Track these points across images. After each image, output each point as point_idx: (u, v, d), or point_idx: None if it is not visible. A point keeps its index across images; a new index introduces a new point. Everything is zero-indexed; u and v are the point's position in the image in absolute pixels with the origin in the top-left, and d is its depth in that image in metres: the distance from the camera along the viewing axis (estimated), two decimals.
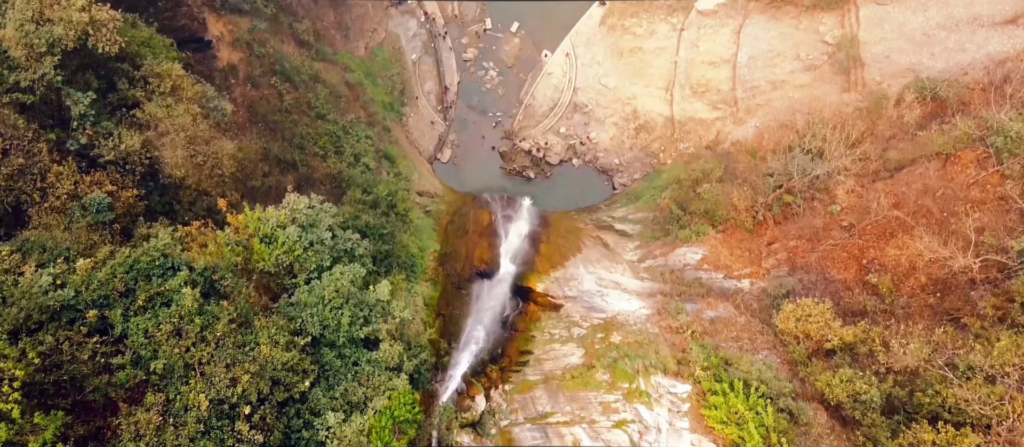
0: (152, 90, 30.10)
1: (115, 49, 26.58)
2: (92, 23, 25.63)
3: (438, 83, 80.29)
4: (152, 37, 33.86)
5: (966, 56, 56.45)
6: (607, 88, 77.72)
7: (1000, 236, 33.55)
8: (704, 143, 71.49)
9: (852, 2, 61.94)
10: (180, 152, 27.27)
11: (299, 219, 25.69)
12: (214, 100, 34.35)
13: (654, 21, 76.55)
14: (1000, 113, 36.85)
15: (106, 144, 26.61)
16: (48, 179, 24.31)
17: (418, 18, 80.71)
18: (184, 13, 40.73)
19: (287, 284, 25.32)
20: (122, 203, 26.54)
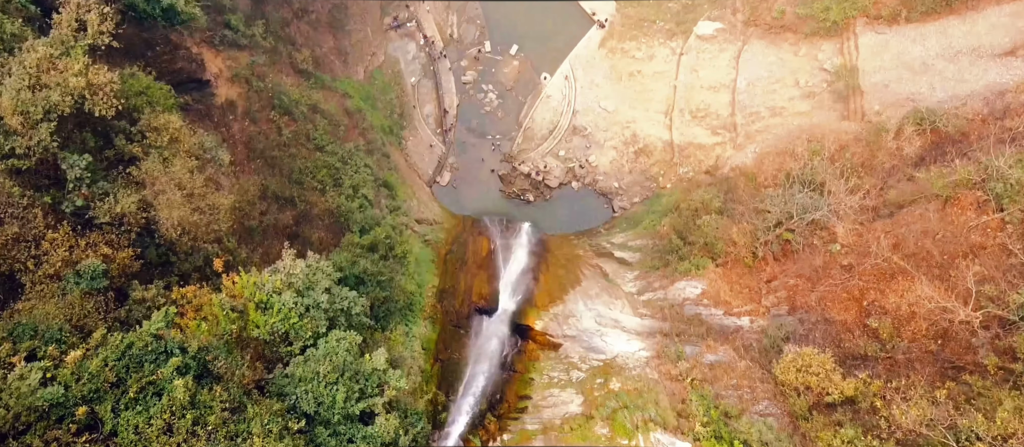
0: (149, 144, 29.97)
1: (112, 112, 26.47)
2: (89, 87, 25.52)
3: (437, 106, 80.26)
4: (150, 86, 33.73)
5: (966, 87, 56.37)
6: (606, 111, 77.66)
7: (1001, 286, 33.39)
8: (704, 168, 71.40)
9: (851, 30, 61.87)
10: (176, 213, 27.12)
11: (295, 284, 25.55)
12: (212, 150, 34.22)
13: (653, 45, 76.60)
14: (999, 159, 36.69)
15: (102, 206, 26.46)
16: (42, 246, 24.19)
17: (417, 41, 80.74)
18: (182, 56, 40.65)
19: (282, 353, 25.18)
20: (117, 265, 26.40)
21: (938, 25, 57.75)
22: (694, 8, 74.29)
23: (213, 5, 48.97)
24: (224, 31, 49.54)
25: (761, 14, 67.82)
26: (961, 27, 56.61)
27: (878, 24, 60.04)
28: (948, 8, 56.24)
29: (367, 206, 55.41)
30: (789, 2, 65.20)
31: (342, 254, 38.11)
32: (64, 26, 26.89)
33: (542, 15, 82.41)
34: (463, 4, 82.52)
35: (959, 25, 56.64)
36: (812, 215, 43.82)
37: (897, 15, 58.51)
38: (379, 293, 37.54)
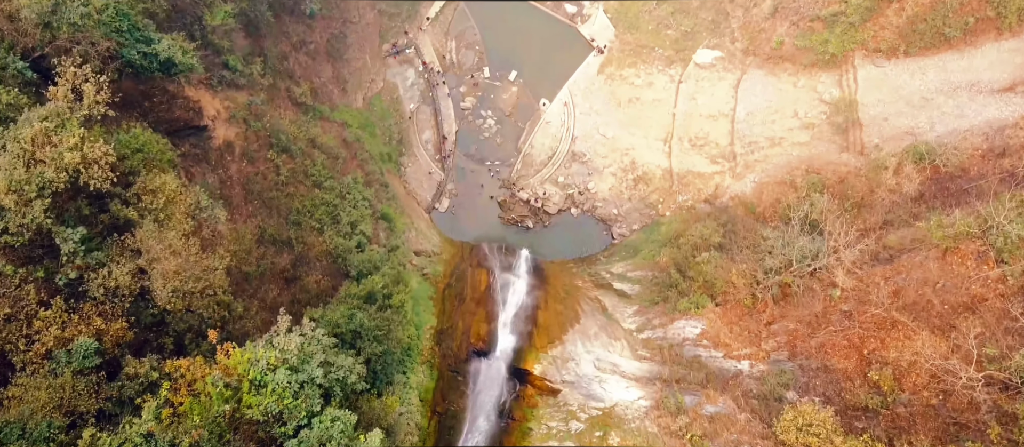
0: (145, 207, 29.79)
1: (107, 185, 26.29)
2: (84, 161, 25.36)
3: (436, 132, 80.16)
4: (146, 143, 33.58)
5: (965, 122, 56.26)
6: (605, 138, 77.57)
7: (1003, 344, 33.17)
8: (703, 196, 71.27)
9: (850, 63, 61.77)
10: (170, 284, 26.93)
11: (290, 360, 25.33)
12: (208, 209, 34.04)
13: (652, 72, 76.53)
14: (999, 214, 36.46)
15: (95, 278, 26.28)
16: (35, 325, 24.00)
17: (416, 67, 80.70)
18: (180, 105, 40.52)
19: (276, 434, 24.98)
20: (111, 336, 26.20)
21: (937, 59, 57.66)
22: (693, 36, 74.23)
23: (211, 46, 48.88)
24: (222, 72, 49.47)
25: (760, 44, 67.73)
26: (959, 62, 56.51)
27: (876, 57, 59.93)
28: (946, 43, 56.14)
29: (365, 242, 55.20)
30: (788, 33, 65.08)
31: (338, 309, 37.91)
32: (60, 98, 26.74)
33: (541, 41, 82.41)
34: (462, 30, 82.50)
35: (957, 60, 56.55)
36: (812, 265, 43.62)
37: (895, 49, 58.42)
38: (376, 348, 37.32)
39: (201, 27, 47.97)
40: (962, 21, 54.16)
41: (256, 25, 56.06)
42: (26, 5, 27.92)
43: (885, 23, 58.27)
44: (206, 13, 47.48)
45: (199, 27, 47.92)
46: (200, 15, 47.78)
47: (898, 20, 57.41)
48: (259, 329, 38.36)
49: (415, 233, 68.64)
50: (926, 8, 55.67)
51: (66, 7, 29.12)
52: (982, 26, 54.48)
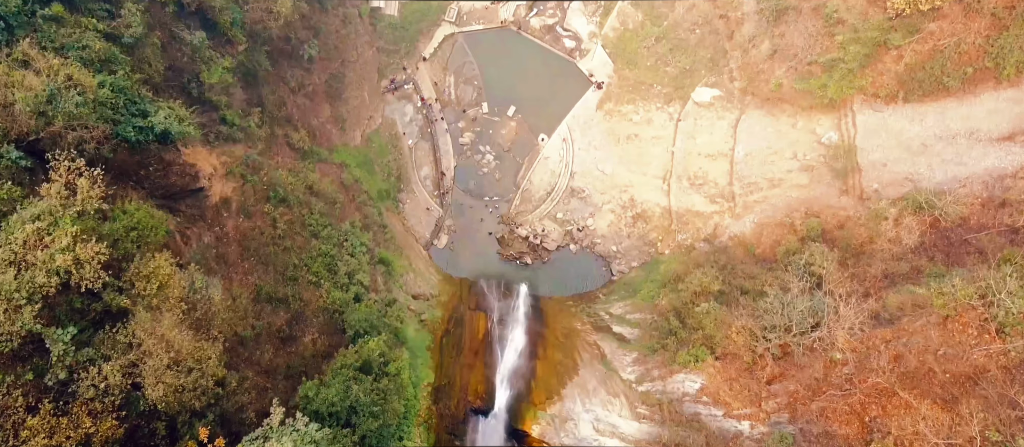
0: (137, 295, 29.56)
1: (99, 284, 26.07)
2: (76, 263, 25.15)
3: (435, 168, 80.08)
4: (140, 221, 33.35)
5: (964, 169, 56.07)
6: (604, 174, 77.45)
7: (1007, 424, 32.88)
8: (702, 235, 71.08)
9: (848, 107, 61.66)
10: (162, 385, 26.70)
11: None
12: (202, 291, 33.83)
13: (651, 109, 76.44)
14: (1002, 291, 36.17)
15: (86, 379, 26.04)
16: (21, 435, 23.75)
17: (414, 103, 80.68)
18: (175, 171, 40.36)
19: None
20: (100, 436, 25.96)
21: (935, 106, 57.52)
22: (691, 73, 74.16)
23: (208, 103, 48.77)
24: (219, 127, 49.33)
25: (758, 85, 67.62)
26: (958, 110, 56.37)
27: (875, 102, 59.82)
28: (945, 91, 56.01)
29: (363, 292, 54.97)
30: (786, 75, 64.96)
31: (334, 386, 37.58)
32: (53, 194, 26.53)
33: (539, 76, 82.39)
34: (460, 65, 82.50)
35: (957, 108, 56.40)
36: (812, 334, 43.40)
37: (894, 95, 58.30)
38: (372, 424, 37.04)
39: (198, 84, 47.88)
40: (961, 71, 54.02)
41: (254, 74, 55.99)
42: (21, 99, 27.73)
43: (883, 69, 58.16)
44: (204, 70, 47.36)
45: (197, 84, 47.85)
46: (197, 72, 47.67)
47: (896, 67, 57.30)
48: (253, 403, 38.12)
49: (413, 275, 68.43)
50: (924, 57, 55.55)
51: (62, 97, 28.96)
52: (981, 76, 54.36)
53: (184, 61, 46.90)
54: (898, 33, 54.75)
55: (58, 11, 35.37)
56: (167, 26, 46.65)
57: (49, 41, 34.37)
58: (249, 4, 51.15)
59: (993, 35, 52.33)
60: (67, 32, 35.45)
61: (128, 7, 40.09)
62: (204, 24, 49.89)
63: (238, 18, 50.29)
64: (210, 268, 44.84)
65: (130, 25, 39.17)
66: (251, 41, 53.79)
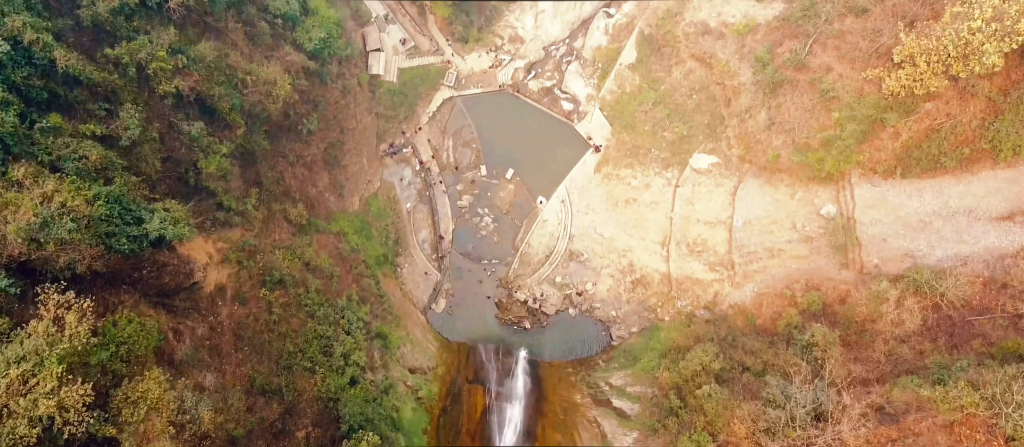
0: (124, 422, 29.03)
1: (82, 429, 25.61)
2: (60, 409, 24.70)
3: (433, 231, 79.95)
4: (131, 334, 32.99)
5: (965, 248, 55.79)
6: (603, 237, 77.21)
7: None
8: (702, 303, 70.56)
9: (846, 180, 61.62)
10: None
11: None
12: (191, 410, 33.31)
13: (649, 174, 76.52)
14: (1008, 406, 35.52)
15: None
16: None
17: (413, 166, 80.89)
18: (170, 271, 40.14)
19: None
20: None
21: (933, 183, 57.48)
22: (689, 139, 74.40)
23: (205, 190, 48.78)
24: (216, 213, 49.26)
25: (756, 154, 67.73)
26: (956, 188, 56.31)
27: (873, 177, 59.78)
28: (942, 169, 56.00)
29: (359, 375, 54.37)
30: (783, 146, 65.10)
31: None
32: (40, 332, 26.22)
33: (537, 138, 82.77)
34: (459, 128, 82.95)
35: (954, 186, 56.35)
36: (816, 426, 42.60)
37: (892, 171, 58.31)
38: None
39: (196, 172, 47.94)
40: (957, 151, 54.11)
41: (252, 154, 56.16)
42: (13, 230, 27.59)
43: (880, 146, 58.28)
44: (201, 158, 47.47)
45: (194, 172, 47.90)
46: (195, 161, 47.78)
47: (893, 144, 57.41)
48: None
49: (410, 346, 67.81)
50: (921, 136, 55.70)
51: (55, 224, 28.85)
52: (977, 156, 54.43)
53: (182, 152, 47.05)
54: (894, 113, 54.97)
55: (56, 122, 35.56)
56: (166, 117, 46.93)
57: (46, 154, 34.46)
58: (248, 88, 51.51)
59: (988, 118, 52.49)
60: (64, 142, 35.56)
61: (127, 108, 40.33)
62: (202, 110, 50.21)
63: (237, 103, 50.64)
64: (203, 362, 44.39)
65: (128, 127, 39.35)
66: (250, 122, 54.06)
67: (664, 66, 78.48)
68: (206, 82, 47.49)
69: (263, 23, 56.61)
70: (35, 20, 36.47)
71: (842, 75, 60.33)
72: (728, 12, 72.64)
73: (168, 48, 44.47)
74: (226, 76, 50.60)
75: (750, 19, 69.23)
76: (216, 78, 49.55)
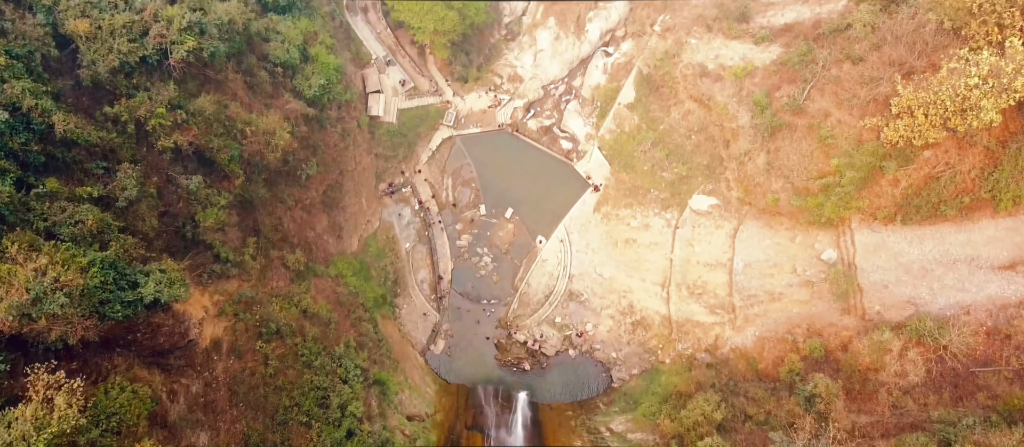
0: None
1: None
2: None
3: (432, 271, 79.61)
4: (124, 404, 32.52)
5: (967, 296, 55.33)
6: (603, 277, 76.82)
7: None
8: (703, 346, 69.95)
9: (847, 225, 61.40)
10: None
11: None
12: None
13: (648, 215, 76.36)
14: None
15: None
16: None
17: (412, 206, 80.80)
18: (164, 332, 39.77)
19: None
20: None
21: (934, 230, 57.23)
22: (688, 180, 74.37)
23: (202, 244, 48.58)
24: (213, 266, 48.97)
25: (755, 197, 67.62)
26: (957, 235, 56.05)
27: (874, 223, 59.56)
28: (942, 216, 55.78)
29: (356, 426, 53.62)
30: (783, 189, 65.00)
31: None
32: (28, 418, 25.79)
33: (537, 177, 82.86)
34: (458, 167, 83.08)
35: (955, 234, 56.10)
36: None
37: (892, 217, 58.09)
38: None
39: (193, 225, 47.79)
40: (957, 200, 53.93)
41: (251, 202, 56.08)
42: (4, 308, 27.30)
43: (880, 192, 58.14)
44: (199, 212, 47.34)
45: (192, 226, 47.75)
46: (193, 214, 47.64)
47: (893, 191, 57.27)
48: None
49: (408, 392, 67.06)
50: (920, 183, 55.59)
51: (48, 300, 28.57)
52: (977, 204, 54.26)
53: (179, 206, 46.94)
54: (893, 161, 54.91)
55: (53, 187, 35.49)
56: (164, 171, 46.92)
57: (41, 220, 34.31)
58: (247, 138, 51.56)
59: (987, 168, 52.43)
60: (60, 207, 35.43)
61: (124, 168, 40.29)
62: (201, 162, 50.24)
63: (236, 154, 50.65)
64: (197, 421, 43.82)
65: (125, 187, 39.28)
66: (249, 172, 54.05)
67: (663, 106, 78.78)
68: (205, 135, 47.55)
69: (263, 72, 56.91)
70: (34, 85, 36.60)
71: (840, 121, 60.43)
72: (726, 55, 73.09)
73: (167, 104, 44.57)
74: (225, 127, 50.71)
75: (748, 63, 69.59)
76: (215, 130, 49.64)
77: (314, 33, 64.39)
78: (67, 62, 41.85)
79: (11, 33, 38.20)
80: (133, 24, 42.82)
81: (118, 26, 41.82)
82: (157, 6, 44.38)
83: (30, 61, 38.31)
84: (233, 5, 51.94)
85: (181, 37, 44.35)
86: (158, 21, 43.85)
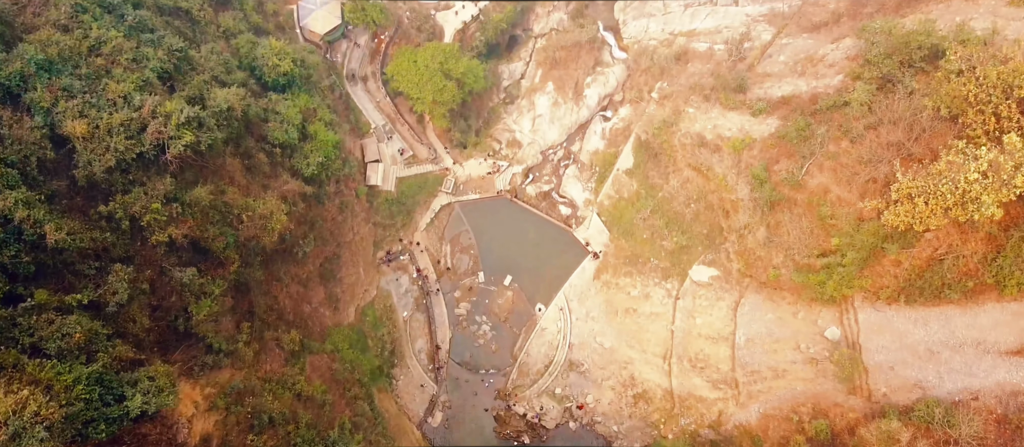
0: None
1: None
2: None
3: (429, 341, 78.50)
4: None
5: (975, 381, 54.09)
6: (603, 348, 75.58)
7: None
8: (706, 422, 68.32)
9: (850, 302, 60.55)
10: None
11: None
12: None
13: (648, 284, 75.55)
14: None
15: None
16: None
17: (410, 274, 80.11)
18: (151, 441, 38.65)
19: None
20: None
21: (939, 312, 56.32)
22: (688, 250, 73.82)
23: (193, 336, 47.80)
24: (205, 358, 48.03)
25: (756, 270, 66.97)
26: (963, 318, 55.12)
27: (877, 302, 58.71)
28: (946, 299, 54.96)
29: None
30: (784, 264, 64.39)
31: None
32: None
33: (536, 244, 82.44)
34: (457, 234, 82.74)
35: (961, 316, 55.18)
36: None
37: (896, 297, 57.27)
38: None
39: (186, 317, 47.04)
40: (961, 284, 53.21)
41: (245, 284, 55.46)
42: None
43: (882, 272, 57.50)
44: (192, 303, 46.67)
45: (184, 318, 47.01)
46: (186, 305, 46.96)
47: (895, 271, 56.62)
48: None
49: None
50: (923, 265, 54.97)
51: (26, 435, 27.70)
52: (982, 288, 53.49)
53: (172, 299, 46.32)
54: (894, 243, 54.41)
55: (41, 299, 34.95)
56: (157, 263, 46.42)
57: (28, 336, 33.65)
58: (244, 223, 51.21)
59: (990, 253, 51.86)
60: (47, 319, 34.77)
61: (116, 270, 39.77)
62: (196, 250, 49.79)
63: (231, 241, 50.24)
64: None
65: (116, 291, 38.71)
66: (244, 255, 53.57)
67: (661, 173, 78.83)
68: (201, 226, 47.22)
69: (261, 154, 56.99)
70: (28, 194, 36.38)
71: (840, 198, 60.21)
72: (724, 125, 73.42)
73: (163, 198, 44.35)
74: (221, 214, 50.44)
75: (746, 134, 69.82)
76: (211, 218, 49.37)
77: (313, 109, 64.76)
78: (63, 162, 41.79)
79: (7, 138, 38.20)
80: (131, 121, 42.88)
81: (115, 124, 41.86)
82: (156, 102, 44.56)
83: (25, 166, 38.22)
84: (232, 92, 52.26)
85: (179, 132, 44.41)
86: (156, 117, 43.95)
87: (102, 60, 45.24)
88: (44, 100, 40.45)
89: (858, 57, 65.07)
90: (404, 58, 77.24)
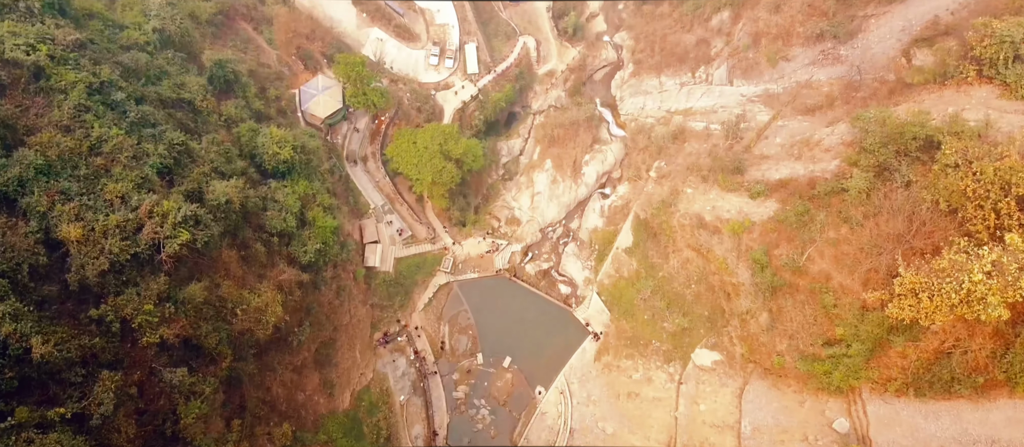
0: None
1: None
2: None
3: (427, 426, 76.10)
4: None
5: None
6: (605, 433, 73.08)
7: None
8: None
9: (857, 394, 58.89)
10: None
11: None
12: None
13: (650, 367, 73.86)
14: None
15: None
16: None
17: (408, 356, 78.49)
18: None
19: None
20: None
21: (950, 406, 54.69)
22: (690, 332, 72.50)
23: (182, 439, 46.10)
24: None
25: (760, 356, 65.56)
26: (974, 414, 53.45)
27: (885, 394, 57.09)
28: (956, 393, 53.42)
29: None
30: (788, 351, 63.07)
31: None
32: None
33: (535, 324, 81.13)
34: (455, 314, 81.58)
35: (973, 411, 53.53)
36: None
37: (904, 390, 55.72)
38: None
39: (174, 420, 45.49)
40: (971, 379, 51.82)
41: (238, 379, 54.04)
42: None
43: (889, 364, 56.20)
44: (181, 404, 45.23)
45: (172, 421, 45.45)
46: (174, 407, 45.50)
47: (902, 362, 55.30)
48: None
49: None
50: (930, 358, 53.75)
51: None
52: (993, 384, 52.07)
53: (161, 402, 44.97)
54: (900, 336, 53.34)
55: (21, 417, 33.73)
56: (147, 364, 45.27)
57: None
58: (238, 318, 50.27)
59: (999, 349, 50.73)
60: (27, 439, 33.44)
61: (102, 379, 38.62)
62: (187, 347, 48.68)
63: (224, 336, 49.21)
64: None
65: (101, 403, 37.47)
66: (238, 349, 52.38)
67: (661, 252, 78.32)
68: (194, 324, 46.33)
69: (258, 244, 56.67)
70: (16, 306, 35.72)
71: (842, 286, 59.48)
72: (722, 206, 73.45)
73: (156, 298, 43.65)
74: (215, 309, 49.62)
75: (745, 217, 69.69)
76: (205, 314, 48.51)
77: (312, 194, 64.89)
78: (56, 266, 41.34)
79: (1, 246, 37.84)
80: (127, 222, 42.67)
81: (111, 226, 41.62)
82: (153, 201, 44.49)
83: (16, 274, 37.71)
84: (231, 184, 52.37)
85: (175, 231, 44.14)
86: (153, 217, 43.77)
87: (102, 160, 45.48)
88: (41, 204, 40.35)
89: (854, 143, 65.67)
90: (404, 139, 78.13)
